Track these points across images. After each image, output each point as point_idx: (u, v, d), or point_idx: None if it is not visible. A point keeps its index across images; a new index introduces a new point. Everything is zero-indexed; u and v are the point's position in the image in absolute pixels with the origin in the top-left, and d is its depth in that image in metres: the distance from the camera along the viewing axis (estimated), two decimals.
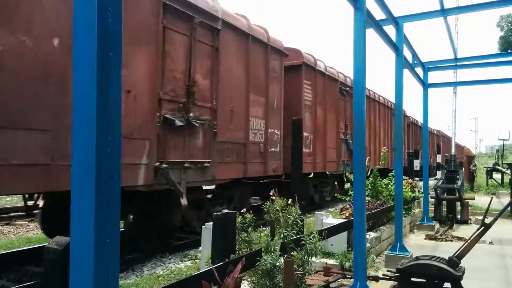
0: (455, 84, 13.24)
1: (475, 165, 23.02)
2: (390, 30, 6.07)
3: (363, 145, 4.10)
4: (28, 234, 9.24)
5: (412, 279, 4.20)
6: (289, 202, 3.95)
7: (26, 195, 6.11)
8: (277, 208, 3.86)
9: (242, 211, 3.86)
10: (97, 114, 1.43)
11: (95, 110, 1.43)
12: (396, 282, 4.41)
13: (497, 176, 23.74)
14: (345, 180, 11.99)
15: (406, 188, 8.95)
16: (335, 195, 9.69)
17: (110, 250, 1.47)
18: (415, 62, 8.31)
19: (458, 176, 11.41)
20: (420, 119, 21.14)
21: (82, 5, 1.48)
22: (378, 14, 5.49)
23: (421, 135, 18.15)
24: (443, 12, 6.50)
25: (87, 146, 1.45)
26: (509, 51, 20.28)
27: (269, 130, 9.32)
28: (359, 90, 4.11)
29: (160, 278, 5.73)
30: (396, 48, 6.13)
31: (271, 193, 4.00)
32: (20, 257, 6.39)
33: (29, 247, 7.09)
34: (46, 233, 6.78)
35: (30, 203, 6.19)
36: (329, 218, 6.39)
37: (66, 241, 1.99)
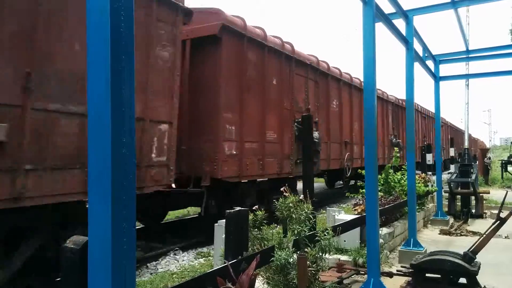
0: (467, 76, 13.02)
1: (490, 158, 22.68)
2: (400, 23, 6.02)
3: (374, 141, 4.08)
4: None
5: (427, 274, 4.17)
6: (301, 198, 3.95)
7: None
8: (290, 204, 3.87)
9: (254, 208, 3.87)
10: (112, 116, 1.46)
11: (110, 112, 1.46)
12: (411, 278, 4.39)
13: None
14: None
15: (419, 182, 8.87)
16: (346, 192, 9.64)
17: (127, 249, 1.50)
18: (426, 55, 8.21)
19: (472, 170, 11.25)
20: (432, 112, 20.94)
21: (95, 9, 1.51)
22: (387, 7, 5.45)
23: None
24: (454, 4, 6.41)
25: (102, 148, 1.47)
26: None
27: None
28: (369, 86, 4.09)
29: (174, 276, 5.79)
30: (406, 41, 6.07)
31: (282, 189, 4.01)
32: None
33: None
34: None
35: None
36: (342, 214, 6.38)
37: (83, 241, 2.03)
